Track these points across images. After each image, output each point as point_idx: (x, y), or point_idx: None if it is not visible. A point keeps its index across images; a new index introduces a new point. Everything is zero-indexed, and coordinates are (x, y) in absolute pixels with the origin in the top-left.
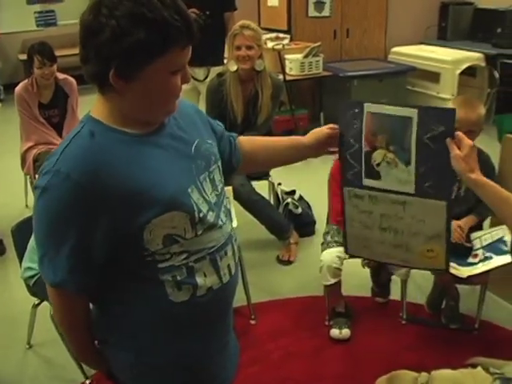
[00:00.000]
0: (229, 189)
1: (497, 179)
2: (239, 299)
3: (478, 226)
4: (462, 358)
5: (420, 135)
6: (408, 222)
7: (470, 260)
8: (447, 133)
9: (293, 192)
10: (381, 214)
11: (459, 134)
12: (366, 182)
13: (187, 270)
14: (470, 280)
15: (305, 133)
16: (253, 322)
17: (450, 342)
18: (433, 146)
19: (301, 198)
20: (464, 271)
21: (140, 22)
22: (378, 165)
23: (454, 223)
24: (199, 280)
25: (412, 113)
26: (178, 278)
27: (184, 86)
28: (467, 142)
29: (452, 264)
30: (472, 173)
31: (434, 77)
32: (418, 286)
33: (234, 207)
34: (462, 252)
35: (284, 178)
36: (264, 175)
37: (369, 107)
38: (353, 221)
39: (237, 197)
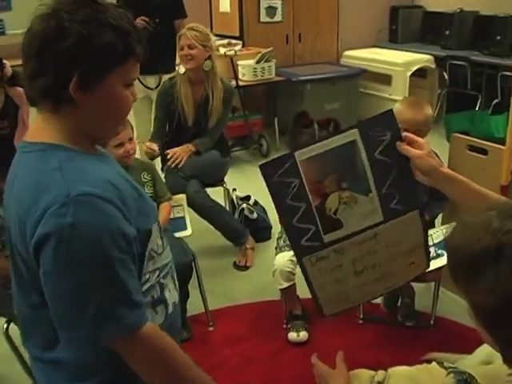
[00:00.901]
0: (182, 196)
1: None
2: (197, 307)
3: (430, 224)
4: (419, 355)
5: (370, 154)
6: (383, 252)
7: None
8: (396, 136)
9: (248, 197)
10: (352, 260)
11: (409, 135)
12: (328, 237)
13: (160, 288)
14: (423, 277)
15: (259, 137)
16: (211, 328)
17: (406, 339)
18: (387, 159)
19: (256, 203)
20: None
21: (104, 26)
22: (336, 212)
23: None
24: (167, 296)
25: (353, 134)
26: (155, 296)
27: (137, 95)
28: (421, 140)
29: None
30: (443, 167)
31: (385, 79)
32: None
33: (189, 214)
34: None
35: (239, 183)
36: (219, 181)
37: (301, 155)
38: (323, 286)
39: (191, 204)
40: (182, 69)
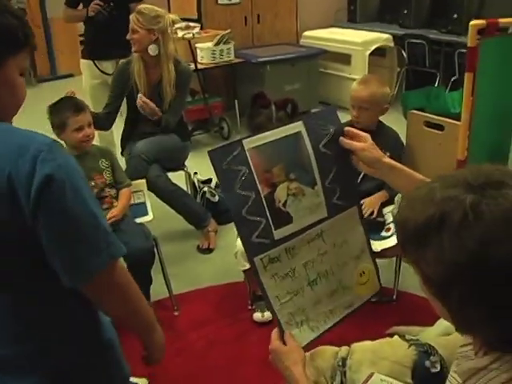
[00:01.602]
0: (142, 182)
1: (405, 154)
2: (161, 292)
3: (390, 200)
4: (383, 329)
5: (315, 146)
6: (332, 253)
7: (383, 234)
8: (338, 131)
9: (209, 180)
10: (303, 263)
11: (351, 130)
12: (278, 233)
13: None
14: (383, 253)
15: (220, 120)
16: (176, 313)
17: (370, 314)
18: (330, 152)
19: (217, 185)
20: (377, 245)
21: (6, 12)
22: (285, 204)
23: (365, 200)
24: None
25: (298, 126)
26: None
27: (94, 81)
28: (364, 134)
29: None
30: (385, 158)
31: (345, 58)
32: None
33: (150, 199)
34: (375, 226)
35: (200, 167)
36: (180, 166)
37: (249, 143)
38: (279, 298)
39: (153, 188)
40: None
